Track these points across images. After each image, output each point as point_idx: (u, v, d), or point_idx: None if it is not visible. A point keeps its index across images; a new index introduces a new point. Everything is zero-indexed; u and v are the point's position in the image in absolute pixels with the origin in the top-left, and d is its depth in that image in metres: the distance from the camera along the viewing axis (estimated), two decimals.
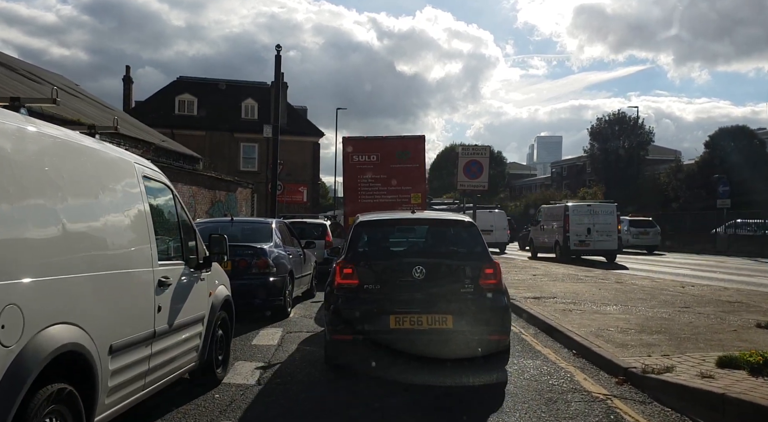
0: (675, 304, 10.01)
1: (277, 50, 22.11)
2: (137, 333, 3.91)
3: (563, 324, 8.11)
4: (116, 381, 3.63)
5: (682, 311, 9.23)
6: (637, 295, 11.16)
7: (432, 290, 5.89)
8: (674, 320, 8.39)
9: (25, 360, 2.73)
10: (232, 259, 8.63)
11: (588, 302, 10.17)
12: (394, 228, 7.15)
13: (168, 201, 4.97)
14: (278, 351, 7.02)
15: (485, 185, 24.16)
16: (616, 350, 6.47)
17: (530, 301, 10.37)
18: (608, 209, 23.41)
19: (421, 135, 17.24)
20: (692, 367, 5.59)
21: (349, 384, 5.67)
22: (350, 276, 6.01)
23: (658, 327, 7.78)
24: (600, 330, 7.61)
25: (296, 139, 41.57)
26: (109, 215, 3.75)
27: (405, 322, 5.76)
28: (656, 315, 8.81)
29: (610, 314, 8.93)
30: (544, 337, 7.95)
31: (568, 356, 6.85)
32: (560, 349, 7.22)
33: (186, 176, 20.97)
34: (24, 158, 3.03)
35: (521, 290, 12.07)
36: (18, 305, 2.74)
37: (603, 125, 62.03)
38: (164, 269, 4.40)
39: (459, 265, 6.15)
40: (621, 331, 7.55)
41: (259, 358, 6.66)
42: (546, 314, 8.95)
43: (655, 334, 7.32)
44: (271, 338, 7.77)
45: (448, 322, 5.75)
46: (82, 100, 27.01)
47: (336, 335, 5.98)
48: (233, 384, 5.61)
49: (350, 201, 18.80)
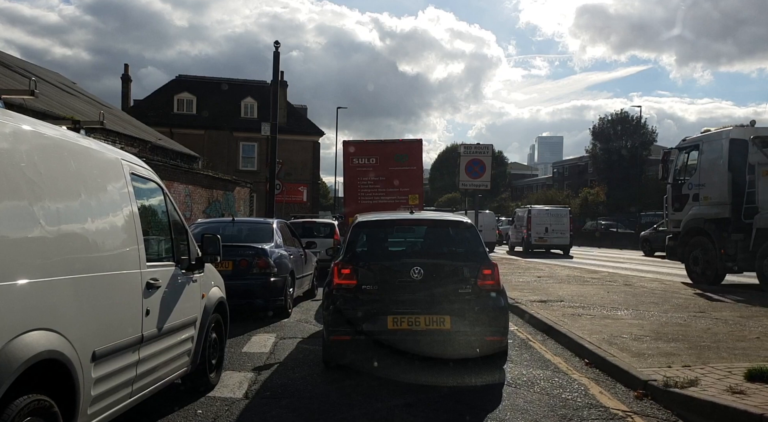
0: (689, 308, 9.54)
1: (276, 47, 21.69)
2: (123, 338, 3.70)
3: (573, 330, 7.65)
4: (100, 390, 3.41)
5: (698, 316, 8.76)
6: (648, 298, 10.69)
7: (430, 290, 5.82)
8: (691, 326, 7.92)
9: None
10: (233, 259, 8.80)
11: (597, 307, 9.71)
12: (392, 229, 7.04)
13: (158, 200, 4.75)
14: (270, 360, 6.56)
15: (488, 184, 23.73)
16: (632, 359, 6.01)
17: (536, 305, 9.91)
18: (563, 212, 29.54)
19: (418, 139, 17.86)
20: (719, 380, 5.12)
21: (345, 398, 5.20)
22: (348, 277, 5.96)
23: (675, 334, 7.32)
24: (613, 337, 7.15)
25: (296, 138, 41.13)
26: (92, 214, 3.54)
27: (403, 323, 5.71)
28: (671, 321, 8.34)
29: (621, 320, 8.46)
30: (552, 344, 7.49)
31: (580, 365, 6.39)
32: (571, 358, 6.76)
33: (182, 175, 20.51)
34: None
35: (526, 292, 11.61)
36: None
37: (605, 124, 61.58)
38: (153, 270, 4.19)
39: (457, 266, 6.09)
40: (635, 338, 7.08)
41: (248, 367, 6.20)
42: (554, 319, 8.48)
43: (673, 342, 6.86)
44: (263, 345, 7.31)
45: (446, 323, 5.70)
46: (79, 98, 26.59)
47: (334, 336, 5.93)
48: (218, 398, 5.15)
49: (350, 202, 19.70)
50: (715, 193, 13.55)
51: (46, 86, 20.46)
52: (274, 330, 8.29)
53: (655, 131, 61.40)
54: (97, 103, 28.35)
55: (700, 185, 14.02)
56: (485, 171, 23.61)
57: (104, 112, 6.86)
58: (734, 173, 13.08)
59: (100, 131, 19.20)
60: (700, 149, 14.25)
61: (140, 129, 27.14)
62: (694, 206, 14.11)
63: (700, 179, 14.04)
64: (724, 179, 13.26)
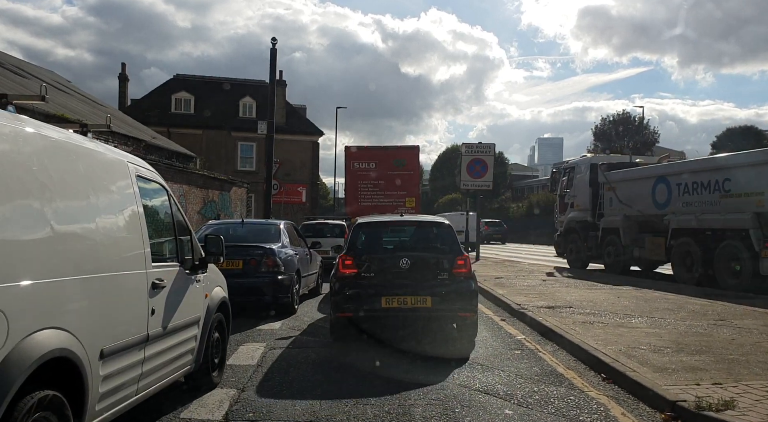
0: (707, 315, 8.97)
1: (273, 43, 21.13)
2: (129, 336, 3.79)
3: (586, 339, 7.08)
4: (107, 387, 3.50)
5: (719, 324, 8.18)
6: (661, 305, 10.11)
7: (415, 277, 7.28)
8: (713, 336, 7.35)
9: (10, 367, 2.65)
10: (243, 258, 9.45)
11: (609, 314, 9.13)
12: (386, 228, 8.45)
13: (163, 201, 4.84)
14: (255, 375, 5.99)
15: (490, 184, 23.25)
16: (655, 375, 5.44)
17: (544, 311, 9.34)
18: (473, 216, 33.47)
19: (415, 146, 20.03)
20: (758, 402, 4.56)
21: (334, 416, 4.65)
22: (350, 267, 7.37)
23: (698, 345, 6.75)
24: (630, 349, 6.58)
25: (295, 138, 40.58)
26: (100, 216, 3.64)
27: (394, 302, 7.12)
28: (690, 330, 7.77)
29: (637, 328, 7.89)
30: (564, 356, 6.91)
31: (597, 381, 5.82)
32: (586, 372, 6.18)
33: (176, 175, 19.93)
34: (10, 158, 2.91)
35: (532, 297, 11.04)
36: (2, 310, 2.66)
37: (607, 125, 60.96)
38: (158, 271, 4.27)
39: (437, 257, 7.49)
40: (655, 350, 6.51)
41: (232, 383, 5.63)
42: (564, 327, 7.91)
43: (697, 355, 6.29)
44: (251, 356, 6.75)
45: (428, 302, 7.13)
46: (73, 97, 26.07)
47: (339, 313, 7.35)
48: (195, 420, 4.60)
49: (351, 203, 21.11)
50: (582, 202, 18.80)
51: (41, 85, 19.92)
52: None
53: (657, 132, 60.85)
54: (91, 102, 27.82)
55: (574, 196, 19.32)
56: (487, 171, 23.11)
57: (98, 111, 6.67)
58: (593, 189, 18.24)
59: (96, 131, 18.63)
60: (574, 170, 19.49)
61: (135, 128, 26.59)
62: (571, 212, 19.39)
63: (574, 191, 19.31)
64: (586, 192, 18.52)
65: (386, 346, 7.09)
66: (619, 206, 16.86)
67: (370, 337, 7.36)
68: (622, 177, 17.17)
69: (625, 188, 16.87)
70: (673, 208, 14.69)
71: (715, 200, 13.27)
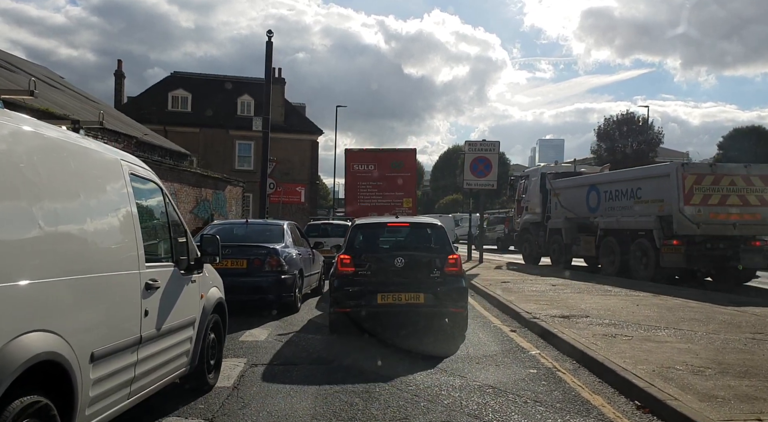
0: (742, 328, 8.09)
1: (269, 36, 20.34)
2: (122, 339, 3.68)
3: (611, 357, 6.21)
4: (98, 391, 3.38)
5: (758, 339, 7.29)
6: (686, 314, 9.23)
7: (409, 275, 7.66)
8: (756, 353, 6.48)
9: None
10: (247, 258, 9.65)
11: (632, 325, 8.25)
12: (382, 229, 8.84)
13: (157, 200, 4.72)
14: (230, 399, 5.13)
15: (494, 183, 22.38)
16: (702, 406, 4.57)
17: (558, 321, 8.46)
18: (461, 217, 35.72)
19: (413, 148, 20.63)
20: None
21: None
22: (348, 265, 7.74)
23: (743, 366, 5.87)
24: (665, 369, 5.71)
25: (294, 137, 39.78)
26: (91, 215, 3.52)
27: (389, 299, 7.50)
28: (728, 345, 6.89)
29: (666, 343, 7.01)
30: (587, 376, 6.03)
31: (630, 410, 4.94)
32: (615, 396, 5.31)
33: (167, 173, 19.06)
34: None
35: (543, 304, 10.18)
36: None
37: (610, 125, 59.97)
38: (152, 271, 4.16)
39: (429, 256, 7.87)
40: (694, 371, 5.64)
41: (199, 412, 4.76)
42: (584, 341, 7.04)
43: (746, 378, 5.40)
44: (229, 374, 5.87)
45: (421, 299, 7.53)
46: (63, 93, 25.24)
47: (337, 308, 7.74)
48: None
49: (351, 203, 22.27)
50: (534, 206, 21.64)
51: (29, 79, 19.12)
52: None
53: (661, 132, 59.87)
54: (82, 98, 27.00)
55: (528, 201, 22.27)
56: (491, 170, 22.23)
57: (89, 107, 6.09)
58: (543, 194, 20.98)
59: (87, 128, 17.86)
60: (529, 179, 22.70)
61: (126, 124, 25.76)
62: (526, 215, 22.24)
63: (528, 197, 22.29)
64: (537, 197, 21.34)
65: (381, 339, 7.44)
66: (561, 210, 19.71)
67: (365, 331, 7.66)
68: (564, 185, 20.07)
69: (566, 195, 19.71)
70: (601, 212, 17.62)
71: (631, 206, 16.18)
